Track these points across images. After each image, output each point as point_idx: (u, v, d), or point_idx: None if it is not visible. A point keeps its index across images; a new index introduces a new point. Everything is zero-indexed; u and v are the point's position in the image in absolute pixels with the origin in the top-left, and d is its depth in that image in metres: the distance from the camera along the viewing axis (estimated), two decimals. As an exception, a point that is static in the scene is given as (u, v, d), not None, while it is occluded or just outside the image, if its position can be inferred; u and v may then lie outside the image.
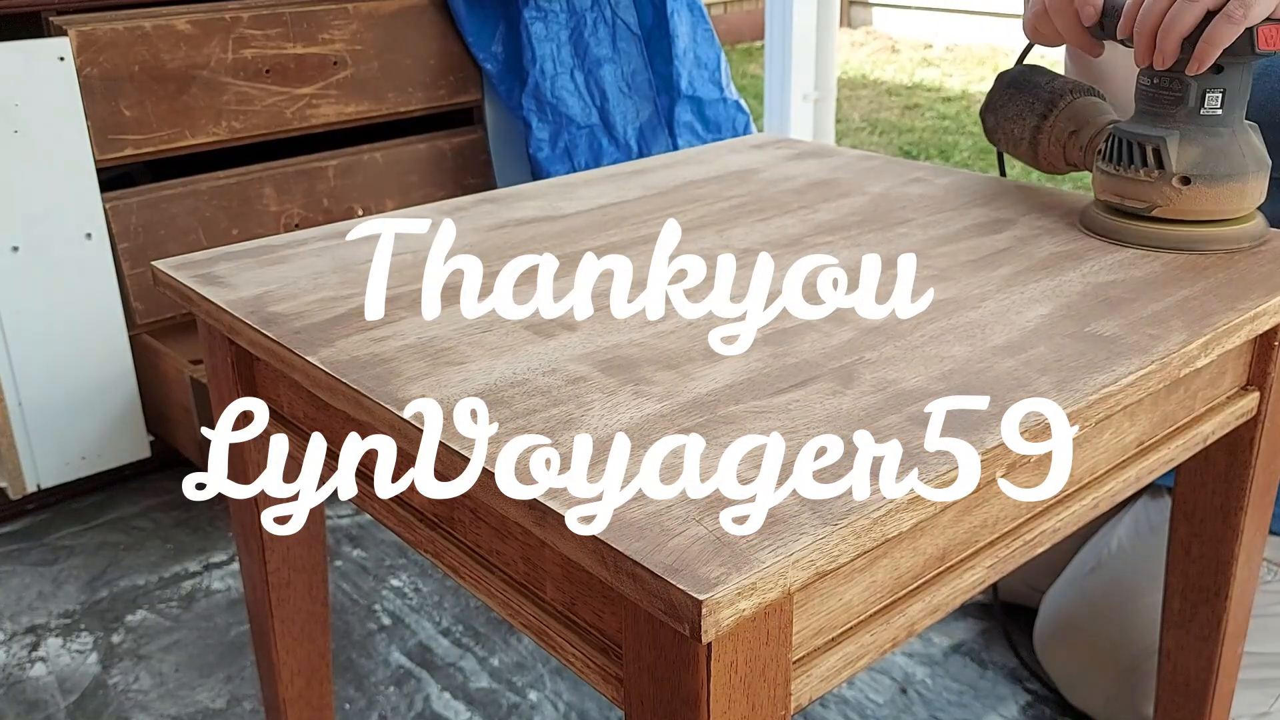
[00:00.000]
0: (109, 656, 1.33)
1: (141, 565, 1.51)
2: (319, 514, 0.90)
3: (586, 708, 1.23)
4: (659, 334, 0.68)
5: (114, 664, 1.32)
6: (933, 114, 4.06)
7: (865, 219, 0.89)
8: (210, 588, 1.46)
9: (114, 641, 1.36)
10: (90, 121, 1.51)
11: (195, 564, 1.51)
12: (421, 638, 1.35)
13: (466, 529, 0.62)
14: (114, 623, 1.39)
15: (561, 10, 1.84)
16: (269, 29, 1.64)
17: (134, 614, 1.41)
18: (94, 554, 1.54)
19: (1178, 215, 0.80)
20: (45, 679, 1.29)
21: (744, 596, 0.44)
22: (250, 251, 0.86)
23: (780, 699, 0.51)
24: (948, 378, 0.61)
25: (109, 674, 1.30)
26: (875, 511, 0.48)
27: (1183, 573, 0.89)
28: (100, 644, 1.35)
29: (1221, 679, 0.92)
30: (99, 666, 1.31)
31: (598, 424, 0.57)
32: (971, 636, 1.31)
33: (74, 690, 1.27)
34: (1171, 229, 0.80)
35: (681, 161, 1.09)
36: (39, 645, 1.35)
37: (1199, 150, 0.79)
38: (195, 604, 1.43)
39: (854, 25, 5.79)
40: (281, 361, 0.69)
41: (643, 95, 1.91)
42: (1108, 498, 0.69)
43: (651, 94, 1.92)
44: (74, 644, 1.35)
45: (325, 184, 1.74)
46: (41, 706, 1.25)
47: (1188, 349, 0.65)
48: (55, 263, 1.51)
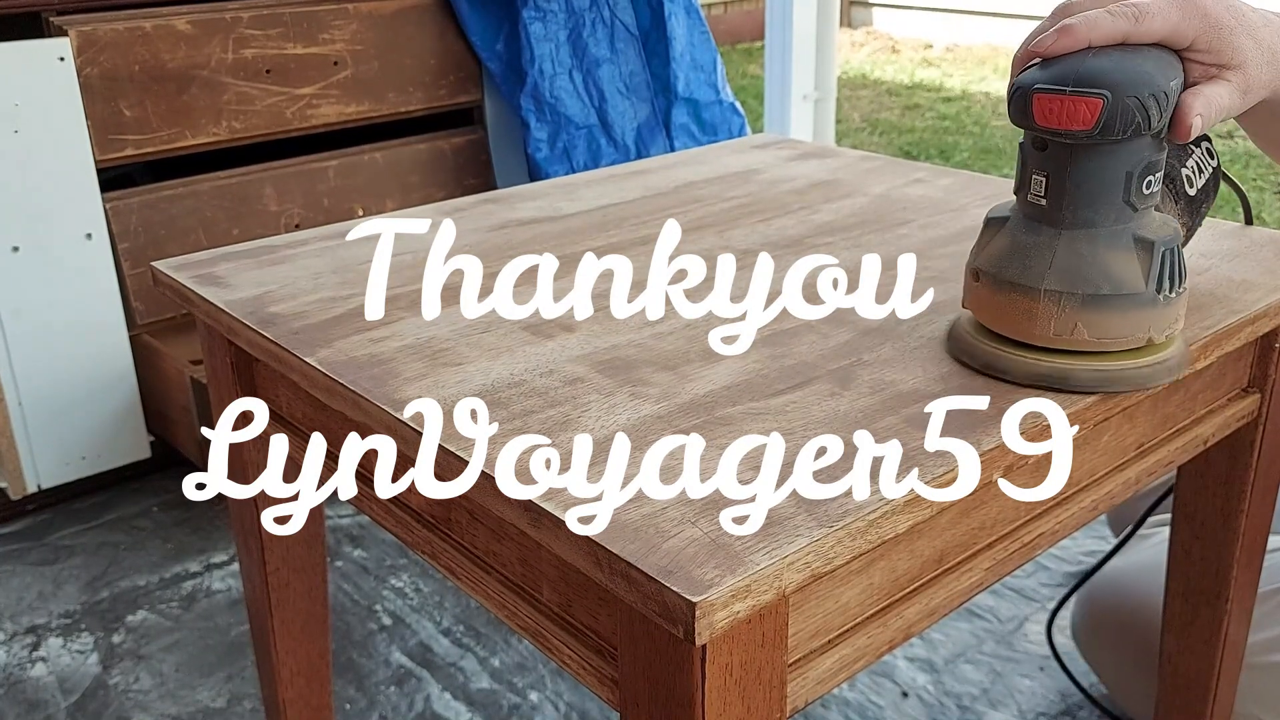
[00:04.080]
0: (109, 656, 1.33)
1: (142, 565, 1.51)
2: (319, 514, 0.90)
3: (587, 708, 1.23)
4: (657, 335, 0.67)
5: (114, 664, 1.32)
6: (933, 114, 4.06)
7: (865, 220, 0.89)
8: (211, 588, 1.46)
9: (114, 642, 1.36)
10: (90, 121, 1.51)
11: (196, 564, 1.51)
12: (422, 637, 1.35)
13: (464, 530, 0.62)
14: (115, 623, 1.39)
15: (560, 10, 1.84)
16: (269, 29, 1.64)
17: (134, 614, 1.41)
18: (94, 554, 1.54)
19: (979, 320, 0.63)
20: (46, 679, 1.29)
21: (738, 599, 0.44)
22: (250, 252, 0.86)
23: (776, 701, 0.51)
24: (946, 379, 0.61)
25: (109, 674, 1.30)
26: (872, 514, 0.48)
27: (1183, 575, 0.89)
28: (101, 644, 1.35)
29: (1222, 682, 0.92)
30: (99, 666, 1.31)
31: (595, 425, 0.56)
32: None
33: (74, 690, 1.27)
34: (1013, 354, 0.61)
35: (682, 162, 1.09)
36: (39, 645, 1.35)
37: (1005, 244, 0.60)
38: (196, 604, 1.43)
39: (854, 25, 5.79)
40: (280, 362, 0.69)
41: (640, 96, 1.91)
42: (1106, 500, 0.69)
43: (649, 95, 1.92)
44: (74, 644, 1.35)
45: (325, 184, 1.74)
46: (42, 707, 1.25)
47: (1187, 350, 0.65)
48: (55, 263, 1.51)
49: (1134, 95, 0.55)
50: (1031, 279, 0.58)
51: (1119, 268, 0.57)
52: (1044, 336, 0.59)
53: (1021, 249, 0.59)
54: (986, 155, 3.51)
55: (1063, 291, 0.58)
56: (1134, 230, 0.58)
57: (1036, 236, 0.59)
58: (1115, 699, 1.17)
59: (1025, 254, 0.59)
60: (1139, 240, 0.58)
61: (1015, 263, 0.59)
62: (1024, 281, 0.58)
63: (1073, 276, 0.58)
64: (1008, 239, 0.60)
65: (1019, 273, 0.59)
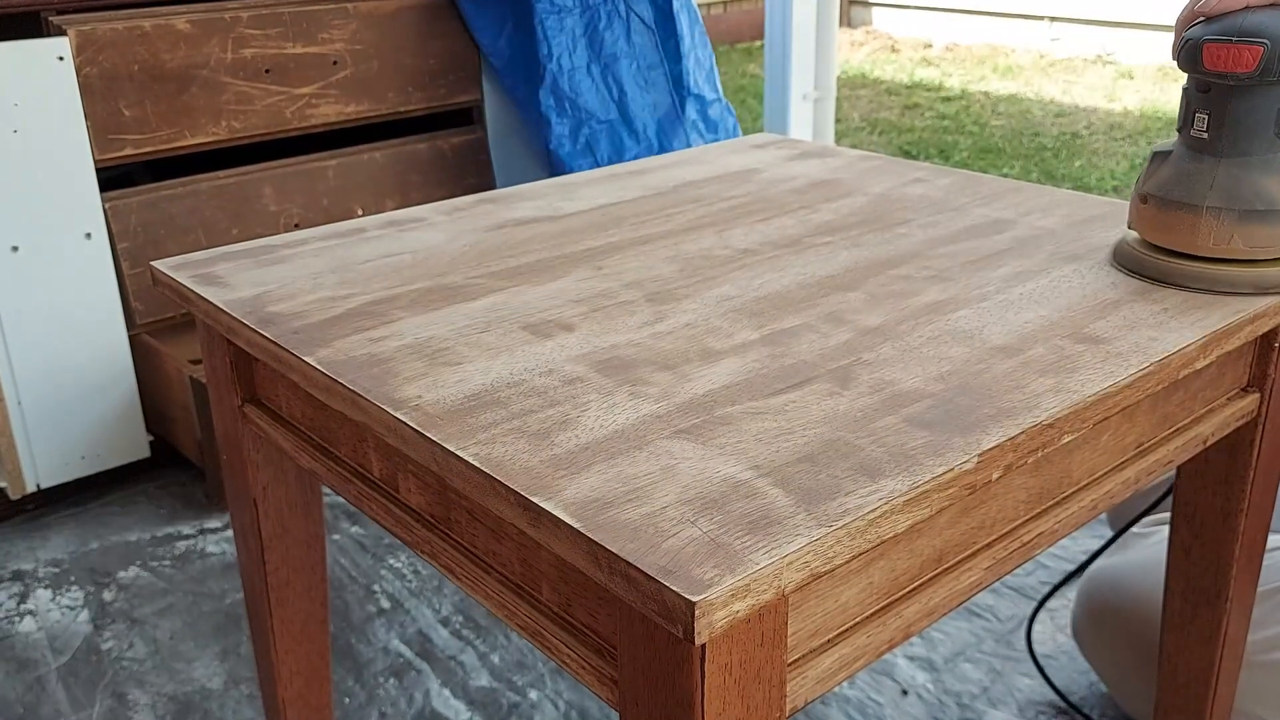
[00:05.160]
0: (100, 615, 1.29)
1: (133, 525, 1.48)
2: (318, 514, 0.90)
3: (587, 707, 1.23)
4: (656, 335, 0.67)
5: (106, 625, 1.28)
6: (932, 114, 4.06)
7: (865, 219, 0.89)
8: (205, 550, 1.43)
9: (105, 599, 1.32)
10: (90, 121, 1.51)
11: (189, 528, 1.49)
12: (421, 625, 1.34)
13: (463, 530, 0.62)
14: (105, 578, 1.35)
15: (575, 5, 1.83)
16: (269, 29, 1.64)
17: (126, 570, 1.37)
18: (85, 523, 1.52)
19: (1144, 238, 0.75)
20: (35, 635, 1.25)
21: (738, 598, 0.44)
22: (249, 251, 0.86)
23: (775, 700, 0.51)
24: (945, 379, 0.61)
25: (101, 636, 1.26)
26: (871, 513, 0.48)
27: (1183, 575, 0.89)
28: (91, 600, 1.31)
29: (1222, 680, 0.92)
30: (90, 625, 1.27)
31: (594, 425, 0.56)
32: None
33: (64, 650, 1.23)
34: (1141, 254, 0.75)
35: (681, 162, 1.09)
36: (27, 596, 1.31)
37: (1170, 172, 0.72)
38: (189, 565, 1.39)
39: (854, 25, 5.79)
40: (279, 362, 0.69)
41: (659, 90, 1.91)
42: (1106, 499, 0.69)
43: (668, 88, 1.91)
44: (64, 599, 1.31)
45: (325, 184, 1.74)
46: (32, 666, 1.21)
47: (1187, 350, 0.65)
48: (55, 262, 1.51)
49: None
50: (1195, 198, 0.70)
51: (1271, 188, 0.69)
52: (1205, 247, 0.70)
53: (1186, 175, 0.71)
54: (986, 154, 3.50)
55: (1222, 208, 0.70)
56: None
57: (1199, 164, 0.71)
58: (1116, 697, 1.17)
59: (1190, 178, 0.71)
60: None
61: (1181, 186, 0.71)
62: (1189, 200, 0.70)
63: (1231, 195, 0.69)
64: (1173, 168, 0.72)
65: (1184, 193, 0.71)
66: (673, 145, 1.92)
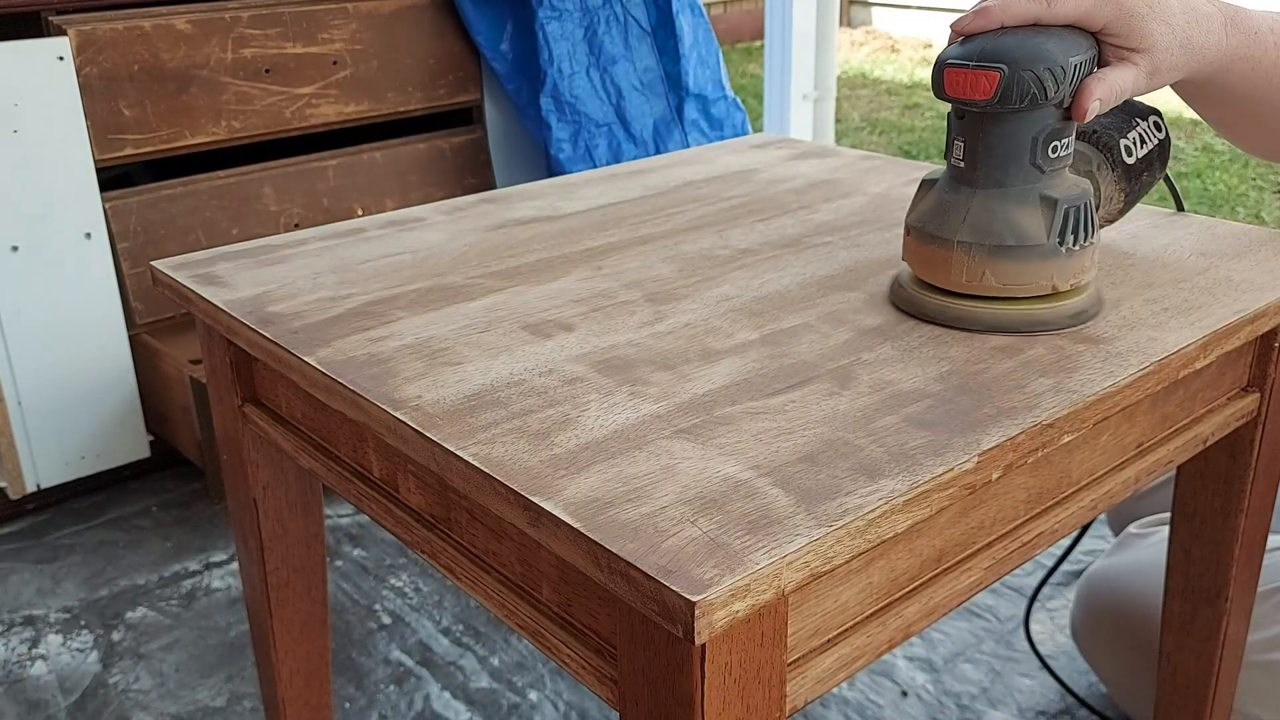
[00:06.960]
0: (109, 655, 1.33)
1: (141, 564, 1.51)
2: (318, 514, 0.90)
3: (587, 707, 1.23)
4: (656, 334, 0.67)
5: (114, 662, 1.31)
6: (932, 114, 4.06)
7: (865, 219, 0.89)
8: (210, 586, 1.46)
9: (114, 639, 1.36)
10: (90, 121, 1.51)
11: (195, 563, 1.51)
12: (421, 636, 1.35)
13: (463, 530, 0.62)
14: (114, 620, 1.39)
15: (575, 9, 1.84)
16: (268, 29, 1.64)
17: (134, 611, 1.41)
18: (93, 551, 1.54)
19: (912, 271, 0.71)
20: (45, 678, 1.29)
21: (737, 598, 0.44)
22: (249, 251, 0.86)
23: (775, 701, 0.51)
24: (945, 379, 0.61)
25: (109, 673, 1.30)
26: (871, 513, 0.48)
27: (1183, 575, 0.89)
28: (100, 642, 1.35)
29: (1221, 680, 0.92)
30: (99, 665, 1.31)
31: (594, 424, 0.56)
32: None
33: (74, 690, 1.27)
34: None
35: (681, 161, 1.09)
36: (39, 642, 1.35)
37: (932, 203, 0.68)
38: (195, 602, 1.43)
39: (854, 25, 5.79)
40: (279, 362, 0.69)
41: (655, 92, 1.91)
42: (1106, 499, 0.69)
43: (663, 91, 1.92)
44: (74, 642, 1.35)
45: (325, 184, 1.74)
46: (42, 706, 1.25)
47: (1186, 350, 0.65)
48: (55, 262, 1.51)
49: (1030, 69, 0.61)
50: (948, 231, 0.66)
51: (1023, 222, 0.65)
52: (957, 282, 0.66)
53: (943, 206, 0.67)
54: (986, 155, 3.50)
55: (972, 243, 0.65)
56: (1041, 190, 0.65)
57: (956, 195, 0.66)
58: (1115, 698, 1.17)
59: (945, 210, 0.66)
60: (1044, 198, 0.64)
61: (936, 218, 0.67)
62: (941, 234, 0.66)
63: (982, 229, 0.65)
64: (934, 198, 0.68)
65: (938, 226, 0.66)
66: (668, 147, 1.92)
